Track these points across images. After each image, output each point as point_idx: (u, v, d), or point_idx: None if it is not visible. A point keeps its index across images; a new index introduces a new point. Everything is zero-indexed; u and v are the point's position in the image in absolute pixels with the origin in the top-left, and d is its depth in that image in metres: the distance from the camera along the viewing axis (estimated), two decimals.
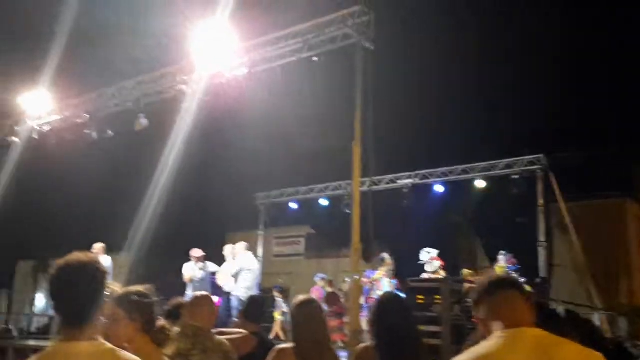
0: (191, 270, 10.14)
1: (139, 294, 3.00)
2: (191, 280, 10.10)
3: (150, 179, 12.95)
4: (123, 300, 2.90)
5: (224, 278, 10.11)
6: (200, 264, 10.18)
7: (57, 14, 10.61)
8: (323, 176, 15.70)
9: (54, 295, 2.26)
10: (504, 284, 2.11)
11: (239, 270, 9.82)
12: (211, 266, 10.32)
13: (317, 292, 12.55)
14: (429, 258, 10.15)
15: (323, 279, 12.77)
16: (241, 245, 10.32)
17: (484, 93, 12.23)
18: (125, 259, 11.90)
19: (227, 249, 10.46)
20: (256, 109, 10.92)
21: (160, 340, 3.03)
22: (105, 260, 10.44)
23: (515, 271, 10.49)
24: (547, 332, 1.96)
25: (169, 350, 3.14)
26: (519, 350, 1.88)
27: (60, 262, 2.26)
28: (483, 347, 1.96)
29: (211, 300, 4.07)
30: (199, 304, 3.95)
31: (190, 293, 9.88)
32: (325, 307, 12.04)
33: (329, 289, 12.39)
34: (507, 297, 2.05)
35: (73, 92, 11.94)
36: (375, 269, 10.38)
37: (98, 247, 10.44)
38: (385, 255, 10.54)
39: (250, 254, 10.50)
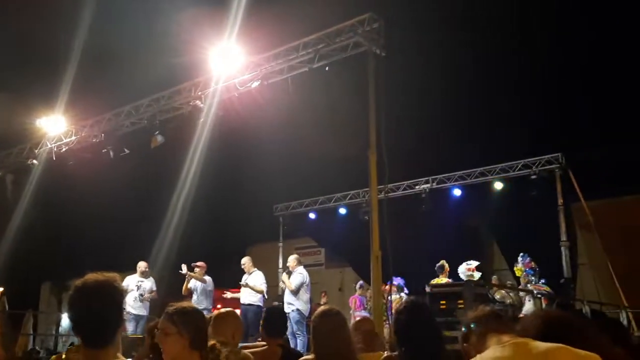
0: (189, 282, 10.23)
1: (190, 309, 2.99)
2: (189, 292, 10.17)
3: (168, 195, 13.05)
4: (174, 315, 2.88)
5: (248, 292, 10.02)
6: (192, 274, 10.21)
7: (71, 37, 10.79)
8: (341, 185, 15.68)
9: (73, 317, 2.28)
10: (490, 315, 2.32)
11: (302, 284, 9.51)
12: (208, 279, 10.24)
13: (357, 300, 12.45)
14: (467, 269, 10.05)
15: (362, 286, 12.62)
16: (294, 259, 9.98)
17: (498, 93, 12.13)
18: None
19: (246, 261, 10.37)
20: (271, 120, 10.96)
21: (210, 359, 3.01)
22: (153, 281, 10.51)
23: (533, 275, 10.37)
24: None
25: None
26: (522, 356, 1.90)
27: (78, 283, 2.28)
28: (487, 355, 1.98)
29: (236, 315, 4.06)
30: (223, 319, 3.93)
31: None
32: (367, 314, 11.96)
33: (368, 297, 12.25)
34: (497, 320, 2.23)
35: (89, 113, 12.10)
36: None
37: (144, 264, 10.49)
38: (444, 262, 10.46)
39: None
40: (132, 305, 9.91)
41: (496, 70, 11.32)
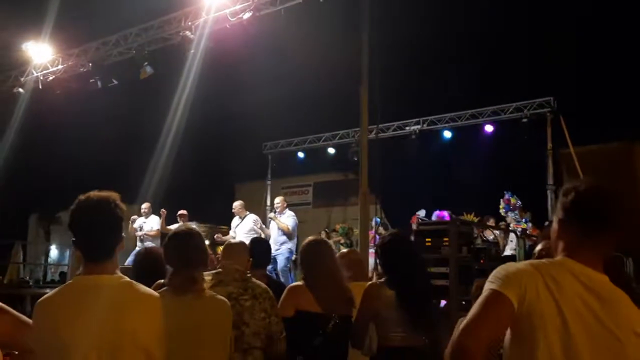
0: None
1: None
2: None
3: (156, 129, 12.90)
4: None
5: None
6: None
7: None
8: (330, 124, 15.59)
9: (74, 229, 2.31)
10: None
11: (296, 225, 9.56)
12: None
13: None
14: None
15: (377, 223, 12.56)
16: (282, 200, 9.93)
17: (492, 35, 11.95)
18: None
19: (238, 205, 10.19)
20: (261, 55, 10.75)
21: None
22: (154, 220, 10.63)
23: (511, 211, 10.49)
24: None
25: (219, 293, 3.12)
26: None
27: (81, 197, 2.31)
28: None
29: (247, 247, 4.06)
30: (237, 249, 3.90)
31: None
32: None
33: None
34: None
35: (76, 41, 11.78)
36: None
37: (146, 205, 10.80)
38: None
39: None
40: (139, 245, 10.34)
41: (490, 11, 11.12)
